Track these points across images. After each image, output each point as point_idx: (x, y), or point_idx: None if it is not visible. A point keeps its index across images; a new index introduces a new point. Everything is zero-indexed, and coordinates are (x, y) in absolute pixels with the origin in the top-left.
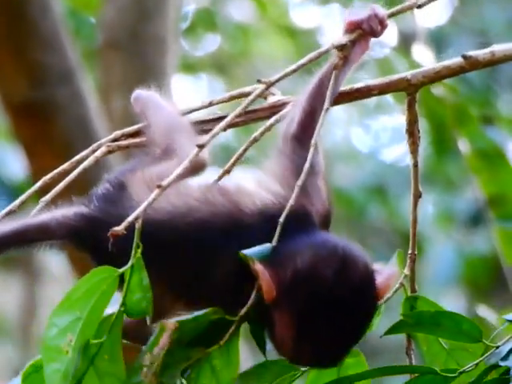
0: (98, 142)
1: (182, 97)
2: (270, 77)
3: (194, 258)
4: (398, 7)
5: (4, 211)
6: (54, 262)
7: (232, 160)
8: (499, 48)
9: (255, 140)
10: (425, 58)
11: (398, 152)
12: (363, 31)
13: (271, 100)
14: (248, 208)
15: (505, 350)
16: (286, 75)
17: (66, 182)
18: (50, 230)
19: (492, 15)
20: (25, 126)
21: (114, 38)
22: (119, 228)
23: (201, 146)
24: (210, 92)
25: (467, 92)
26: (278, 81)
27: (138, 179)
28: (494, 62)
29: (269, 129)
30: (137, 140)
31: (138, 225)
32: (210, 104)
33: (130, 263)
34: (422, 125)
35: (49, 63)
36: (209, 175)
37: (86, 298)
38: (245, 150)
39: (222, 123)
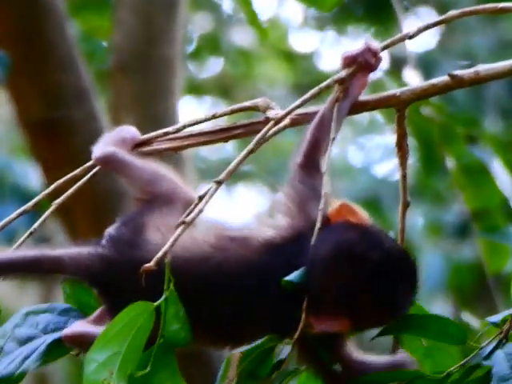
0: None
1: (187, 117)
2: (270, 99)
3: (216, 301)
4: (391, 39)
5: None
6: None
7: (228, 169)
8: (483, 68)
9: (251, 151)
10: (414, 81)
11: (388, 167)
12: (359, 65)
13: (270, 114)
14: (253, 246)
15: (487, 350)
16: (292, 110)
17: (78, 187)
18: (64, 266)
19: (477, 41)
20: (41, 142)
21: (123, 61)
22: (150, 264)
23: (219, 183)
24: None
25: (454, 112)
26: (284, 117)
27: (151, 224)
28: (477, 81)
29: (266, 140)
30: (144, 149)
31: (167, 259)
32: (213, 117)
33: (163, 296)
34: (412, 142)
35: (64, 84)
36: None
37: (123, 333)
38: (241, 161)
39: (238, 158)
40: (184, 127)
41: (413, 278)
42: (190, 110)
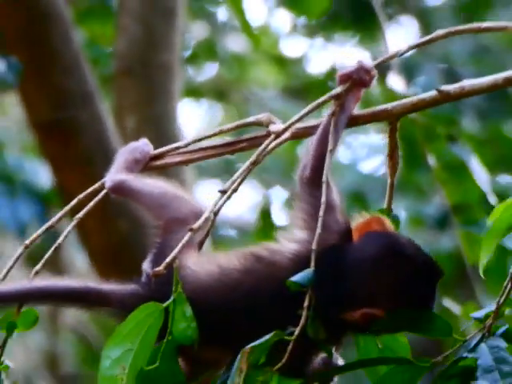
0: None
1: (186, 119)
2: (262, 101)
3: (250, 324)
4: (382, 58)
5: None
6: (79, 257)
7: (232, 180)
8: (468, 83)
9: (254, 163)
10: (397, 85)
11: (373, 164)
12: (354, 82)
13: (272, 128)
14: (282, 263)
15: (472, 344)
16: (291, 124)
17: (96, 202)
18: (110, 301)
19: (456, 46)
20: (49, 143)
21: (126, 66)
22: (159, 268)
23: (223, 192)
24: (209, 114)
25: (435, 113)
26: (285, 131)
27: (182, 258)
28: (463, 95)
29: (268, 152)
30: (156, 163)
31: (175, 265)
32: (220, 132)
33: (172, 298)
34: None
35: (70, 87)
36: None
37: (135, 331)
38: (246, 173)
39: (240, 171)
40: (193, 142)
41: (438, 283)
42: (189, 112)
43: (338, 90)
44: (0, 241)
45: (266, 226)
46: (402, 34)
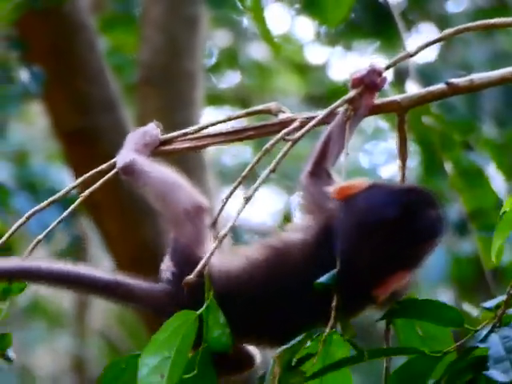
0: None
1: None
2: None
3: (280, 313)
4: (394, 59)
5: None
6: (105, 257)
7: (246, 171)
8: (476, 76)
9: (267, 150)
10: (414, 89)
11: (391, 169)
12: (366, 85)
13: (281, 116)
14: (295, 254)
15: (483, 334)
16: (308, 130)
17: (104, 180)
18: (136, 297)
19: (474, 53)
20: (73, 151)
21: (149, 74)
22: (190, 277)
23: (248, 199)
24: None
25: (452, 120)
26: (301, 137)
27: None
28: (472, 89)
29: (279, 141)
30: (165, 148)
31: (206, 271)
32: (229, 119)
33: (205, 305)
34: (414, 148)
35: (94, 96)
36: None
37: (171, 339)
38: (257, 161)
39: (253, 161)
40: (202, 128)
41: (435, 203)
42: (211, 119)
43: (351, 94)
44: (26, 247)
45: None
46: (421, 42)
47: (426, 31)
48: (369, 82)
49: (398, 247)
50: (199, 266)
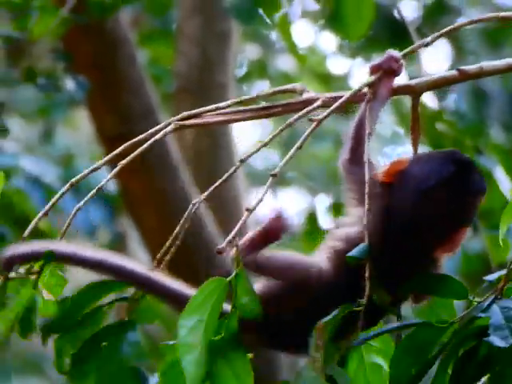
0: (168, 121)
1: (239, 132)
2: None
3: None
4: (410, 48)
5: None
6: (143, 257)
7: (268, 138)
8: (486, 64)
9: (290, 124)
10: (429, 99)
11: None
12: (384, 70)
13: (305, 95)
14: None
15: (485, 305)
16: (331, 112)
17: (139, 152)
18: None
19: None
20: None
21: (184, 84)
22: (222, 245)
23: (274, 175)
24: (260, 128)
25: (463, 127)
26: (326, 117)
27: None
28: (481, 75)
29: (302, 116)
30: (199, 121)
31: (235, 243)
32: (257, 97)
33: (234, 273)
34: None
35: (134, 104)
36: None
37: (204, 304)
38: (280, 131)
39: (274, 134)
40: (232, 104)
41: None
42: (241, 126)
43: (371, 78)
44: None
45: (312, 229)
46: (435, 55)
47: (439, 45)
48: (387, 67)
49: (457, 203)
50: (230, 236)
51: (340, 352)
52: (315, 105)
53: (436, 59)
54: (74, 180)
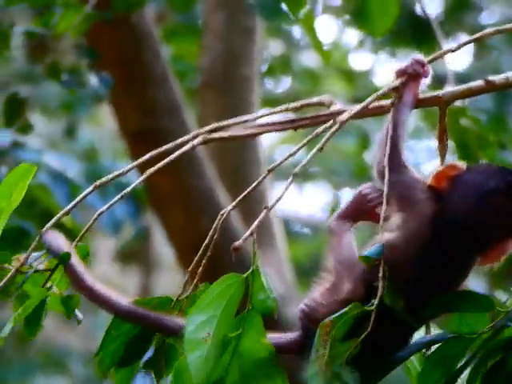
0: (196, 132)
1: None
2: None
3: None
4: (436, 53)
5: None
6: (167, 253)
7: (296, 149)
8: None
9: (317, 135)
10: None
11: (432, 166)
12: (409, 75)
13: (333, 108)
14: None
15: None
16: (355, 114)
17: (166, 162)
18: None
19: (505, 59)
20: (139, 149)
21: (209, 79)
22: (239, 242)
23: (295, 175)
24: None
25: (487, 122)
26: (349, 119)
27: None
28: (508, 86)
29: (329, 128)
30: (226, 134)
31: (253, 238)
32: (286, 109)
33: (250, 270)
34: (451, 147)
35: (158, 99)
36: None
37: (217, 300)
38: (307, 142)
39: (300, 145)
40: (261, 116)
41: None
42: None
43: (396, 82)
44: (96, 239)
45: None
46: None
47: (462, 41)
48: (412, 71)
49: (508, 216)
50: (247, 233)
51: (350, 351)
52: (344, 116)
53: (459, 54)
54: (98, 182)
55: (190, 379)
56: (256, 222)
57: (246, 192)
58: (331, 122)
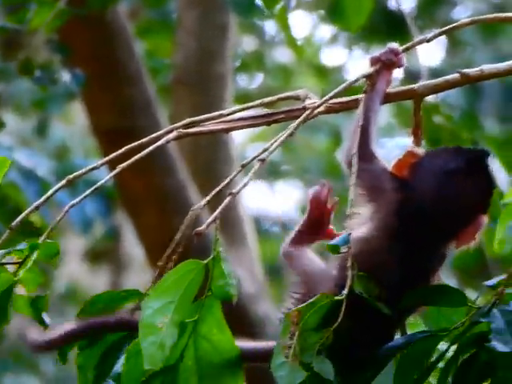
0: (170, 127)
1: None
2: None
3: None
4: (410, 42)
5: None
6: (138, 253)
7: (270, 144)
8: (486, 67)
9: (291, 133)
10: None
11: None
12: (383, 63)
13: (308, 102)
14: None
15: (485, 310)
16: (325, 100)
17: (138, 157)
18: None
19: (478, 55)
20: (111, 147)
21: (182, 76)
22: (202, 228)
23: (262, 160)
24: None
25: (459, 119)
26: (320, 105)
27: None
28: (482, 78)
29: (304, 122)
30: (204, 129)
31: (216, 225)
32: (261, 104)
33: (211, 256)
34: (424, 145)
35: (131, 97)
36: None
37: (176, 285)
38: (283, 139)
39: (276, 143)
40: (236, 111)
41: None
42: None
43: (369, 70)
44: (66, 238)
45: None
46: (431, 46)
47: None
48: (386, 60)
49: (478, 188)
50: (210, 219)
51: (321, 342)
52: (317, 111)
53: (430, 48)
54: (70, 177)
55: (142, 364)
56: (219, 209)
57: (218, 188)
58: (305, 113)
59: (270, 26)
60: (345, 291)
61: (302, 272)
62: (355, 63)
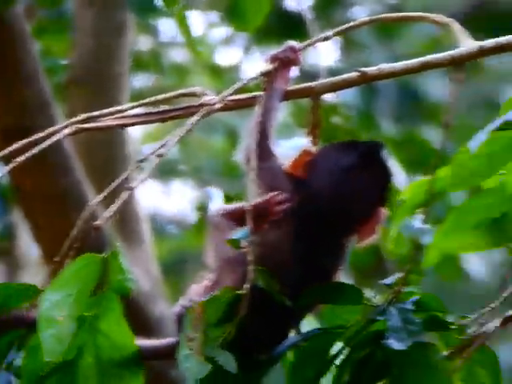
0: (67, 122)
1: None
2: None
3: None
4: (309, 41)
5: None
6: (34, 252)
7: (170, 143)
8: (384, 66)
9: (189, 130)
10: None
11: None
12: (281, 60)
13: (206, 98)
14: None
15: (382, 308)
16: (223, 97)
17: (33, 153)
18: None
19: (374, 56)
20: (7, 145)
21: (79, 76)
22: (99, 222)
23: (160, 156)
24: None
25: (358, 119)
26: (218, 102)
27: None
28: (379, 77)
29: (201, 119)
30: (100, 124)
31: (113, 220)
32: (157, 100)
33: (109, 251)
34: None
35: (29, 96)
36: None
37: (73, 279)
38: (181, 137)
39: (174, 138)
40: (133, 107)
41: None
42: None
43: (267, 68)
44: None
45: (202, 221)
46: (328, 46)
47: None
48: (284, 57)
49: (376, 181)
50: (106, 213)
51: (224, 335)
52: (215, 107)
53: (327, 48)
54: None
55: (43, 356)
56: (117, 204)
57: (114, 184)
58: (203, 109)
59: (164, 25)
60: (246, 285)
61: (218, 255)
62: (251, 64)
